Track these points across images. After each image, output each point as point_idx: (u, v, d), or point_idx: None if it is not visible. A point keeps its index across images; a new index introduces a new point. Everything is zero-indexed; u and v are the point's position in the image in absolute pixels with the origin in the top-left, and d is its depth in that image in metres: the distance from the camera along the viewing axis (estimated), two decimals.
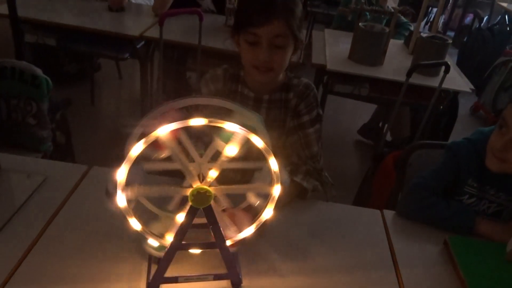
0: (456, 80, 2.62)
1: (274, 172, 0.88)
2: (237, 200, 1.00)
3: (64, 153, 2.07)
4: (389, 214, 1.32)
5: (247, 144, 0.87)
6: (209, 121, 0.81)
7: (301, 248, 1.13)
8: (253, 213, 0.96)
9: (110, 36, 2.57)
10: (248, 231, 0.94)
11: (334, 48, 2.80)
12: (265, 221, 0.93)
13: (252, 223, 0.94)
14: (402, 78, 2.35)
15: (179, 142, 0.88)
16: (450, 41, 2.56)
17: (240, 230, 0.95)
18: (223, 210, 0.96)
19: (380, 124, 3.33)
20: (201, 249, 0.98)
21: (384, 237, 1.23)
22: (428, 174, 1.38)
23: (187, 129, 0.84)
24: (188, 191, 0.85)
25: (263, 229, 0.96)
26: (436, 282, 1.10)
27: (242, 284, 0.99)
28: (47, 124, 1.89)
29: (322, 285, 1.03)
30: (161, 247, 0.94)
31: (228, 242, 0.94)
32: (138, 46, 2.70)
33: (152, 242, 0.93)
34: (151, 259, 1.01)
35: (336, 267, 1.09)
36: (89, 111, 3.15)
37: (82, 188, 1.22)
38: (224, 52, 2.52)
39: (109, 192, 0.85)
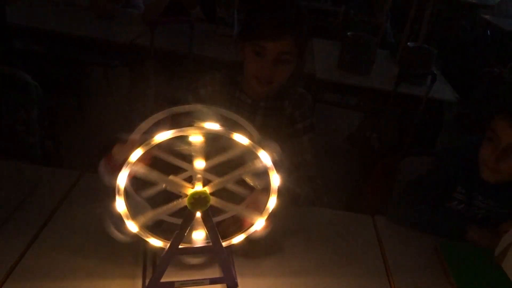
0: (441, 89, 2.66)
1: (268, 166, 0.89)
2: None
3: (53, 160, 2.04)
4: (380, 219, 1.33)
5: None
6: (178, 131, 0.82)
7: (295, 253, 1.14)
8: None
9: (100, 43, 2.57)
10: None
11: (322, 57, 2.83)
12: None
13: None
14: (389, 87, 2.39)
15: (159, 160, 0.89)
16: (436, 51, 2.61)
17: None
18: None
19: (368, 133, 3.37)
20: (198, 253, 0.98)
21: (376, 242, 1.24)
22: (418, 181, 1.41)
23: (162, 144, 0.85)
24: (189, 191, 0.86)
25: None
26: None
27: None
28: (36, 131, 1.87)
29: None
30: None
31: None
32: (128, 54, 2.70)
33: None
34: (146, 264, 1.00)
35: (330, 272, 1.10)
36: (78, 118, 3.13)
37: (75, 194, 1.22)
38: (214, 60, 2.54)
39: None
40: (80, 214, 1.14)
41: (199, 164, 0.88)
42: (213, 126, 0.85)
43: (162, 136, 0.81)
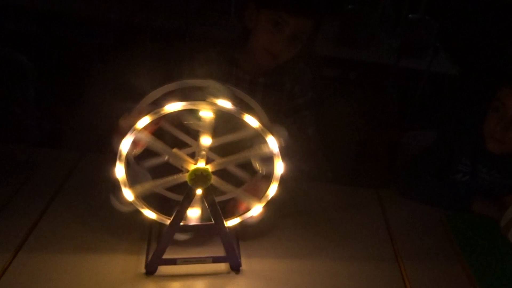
0: (443, 63, 2.62)
1: (274, 153, 0.87)
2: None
3: (52, 141, 2.03)
4: (384, 193, 1.32)
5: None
6: (189, 104, 0.81)
7: (299, 231, 1.13)
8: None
9: (95, 21, 2.53)
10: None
11: (321, 32, 2.77)
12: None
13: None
14: (390, 61, 2.35)
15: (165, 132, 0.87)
16: (437, 23, 2.56)
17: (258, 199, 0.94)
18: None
19: (369, 108, 3.33)
20: (199, 231, 0.96)
21: (381, 216, 1.23)
22: (422, 154, 1.39)
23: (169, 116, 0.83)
24: (192, 167, 0.84)
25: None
26: (435, 260, 1.10)
27: (241, 268, 0.98)
28: (33, 112, 1.84)
29: (321, 267, 1.03)
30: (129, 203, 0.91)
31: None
32: (123, 32, 2.65)
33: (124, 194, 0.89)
34: (150, 240, 0.99)
35: (335, 248, 1.09)
36: (75, 98, 3.09)
37: (76, 175, 1.21)
38: (211, 37, 2.49)
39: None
40: (83, 195, 1.13)
41: (205, 141, 0.86)
42: (225, 104, 0.82)
43: (173, 106, 0.79)
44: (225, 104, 0.82)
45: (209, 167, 0.86)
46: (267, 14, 1.17)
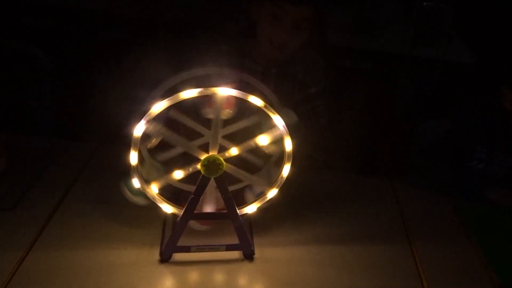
0: (458, 51, 2.58)
1: (282, 131, 0.87)
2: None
3: (67, 134, 2.05)
4: (399, 183, 1.31)
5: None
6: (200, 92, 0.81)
7: (313, 220, 1.13)
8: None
9: (108, 15, 2.54)
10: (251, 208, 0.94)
11: (334, 21, 2.74)
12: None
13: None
14: (404, 50, 2.32)
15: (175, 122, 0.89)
16: (453, 10, 2.51)
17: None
18: None
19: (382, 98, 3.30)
20: (213, 219, 0.97)
21: (395, 205, 1.22)
22: (437, 142, 1.38)
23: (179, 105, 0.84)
24: (203, 156, 0.85)
25: None
26: (450, 250, 1.09)
27: (255, 256, 0.99)
28: (49, 105, 1.86)
29: (334, 256, 1.03)
30: (138, 192, 0.93)
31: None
32: (135, 24, 2.67)
33: (135, 183, 0.89)
34: (164, 229, 1.01)
35: (348, 237, 1.09)
36: (90, 91, 3.12)
37: (92, 166, 1.23)
38: (223, 30, 2.48)
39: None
40: (98, 186, 1.15)
41: (217, 130, 0.86)
42: (229, 90, 0.83)
43: (187, 93, 0.80)
44: (230, 90, 0.82)
45: (221, 155, 0.86)
46: (268, 6, 1.18)
